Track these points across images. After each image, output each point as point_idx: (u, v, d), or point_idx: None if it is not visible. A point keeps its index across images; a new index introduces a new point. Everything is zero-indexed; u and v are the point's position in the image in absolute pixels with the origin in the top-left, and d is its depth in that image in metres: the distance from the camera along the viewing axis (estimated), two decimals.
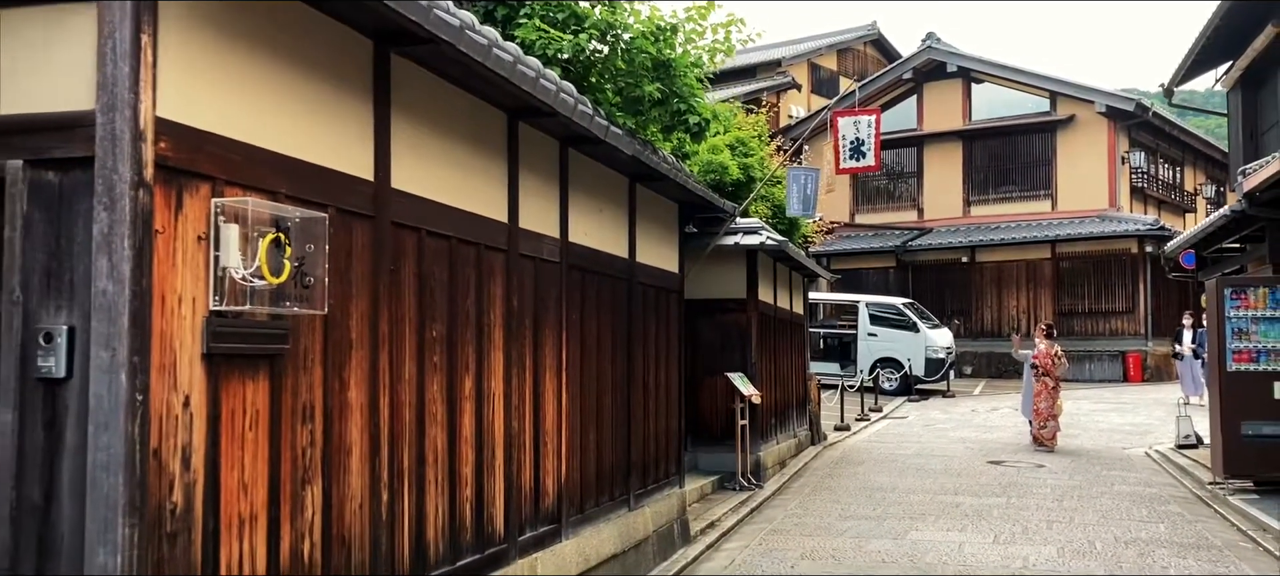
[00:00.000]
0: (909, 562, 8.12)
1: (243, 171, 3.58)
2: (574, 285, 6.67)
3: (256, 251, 3.52)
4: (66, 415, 3.14)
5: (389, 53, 4.50)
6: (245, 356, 3.59)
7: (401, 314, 4.63)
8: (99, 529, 3.04)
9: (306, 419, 3.93)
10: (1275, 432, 10.93)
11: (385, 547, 4.42)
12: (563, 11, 6.88)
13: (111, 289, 3.07)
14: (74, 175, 3.18)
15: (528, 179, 5.97)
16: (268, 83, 3.76)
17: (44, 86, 3.22)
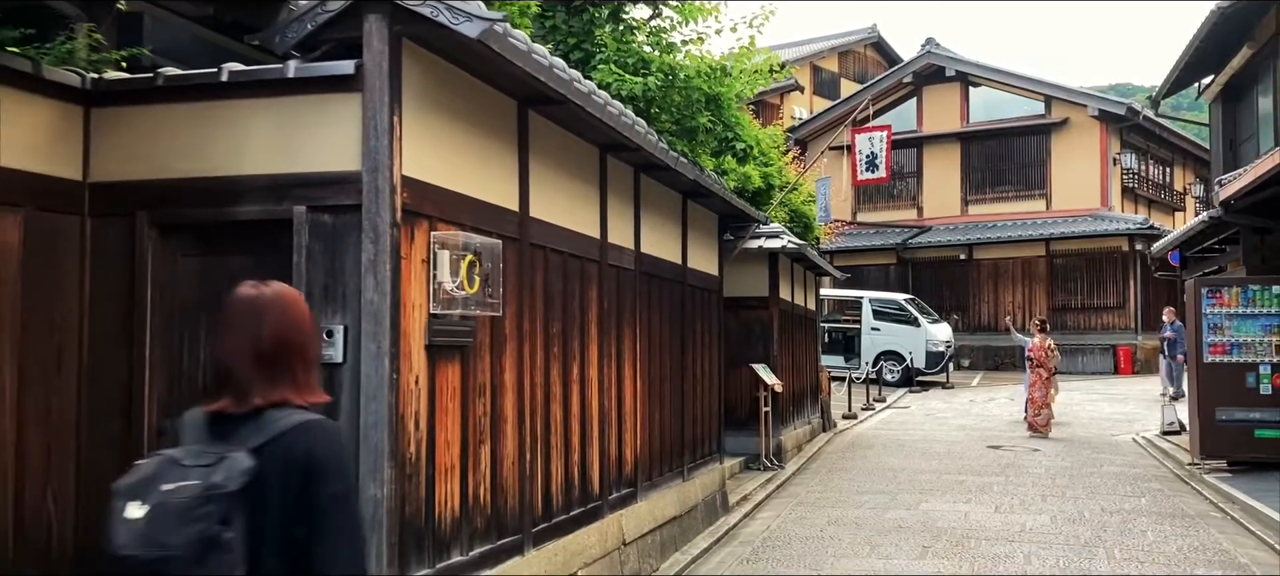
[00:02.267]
0: (923, 526, 9.38)
1: (448, 210, 4.83)
2: (643, 288, 7.92)
3: (459, 269, 4.76)
4: (342, 389, 4.38)
5: (528, 111, 5.74)
6: (449, 347, 4.84)
7: (534, 315, 5.87)
8: (370, 470, 4.28)
9: (481, 394, 5.18)
10: (1246, 418, 12.15)
11: (526, 496, 5.68)
12: (632, 57, 8.10)
13: (376, 299, 4.32)
14: (343, 218, 4.41)
15: (613, 201, 7.22)
16: (456, 141, 5.00)
17: (319, 152, 4.46)
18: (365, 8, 4.30)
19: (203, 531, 2.09)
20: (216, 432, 2.28)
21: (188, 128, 4.62)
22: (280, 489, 2.17)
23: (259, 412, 2.26)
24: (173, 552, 2.08)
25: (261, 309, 2.36)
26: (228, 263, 4.61)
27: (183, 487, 2.13)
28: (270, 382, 2.29)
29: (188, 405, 4.51)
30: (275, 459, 2.18)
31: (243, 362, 2.30)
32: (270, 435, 2.21)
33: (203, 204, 4.58)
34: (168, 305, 4.67)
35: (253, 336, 2.32)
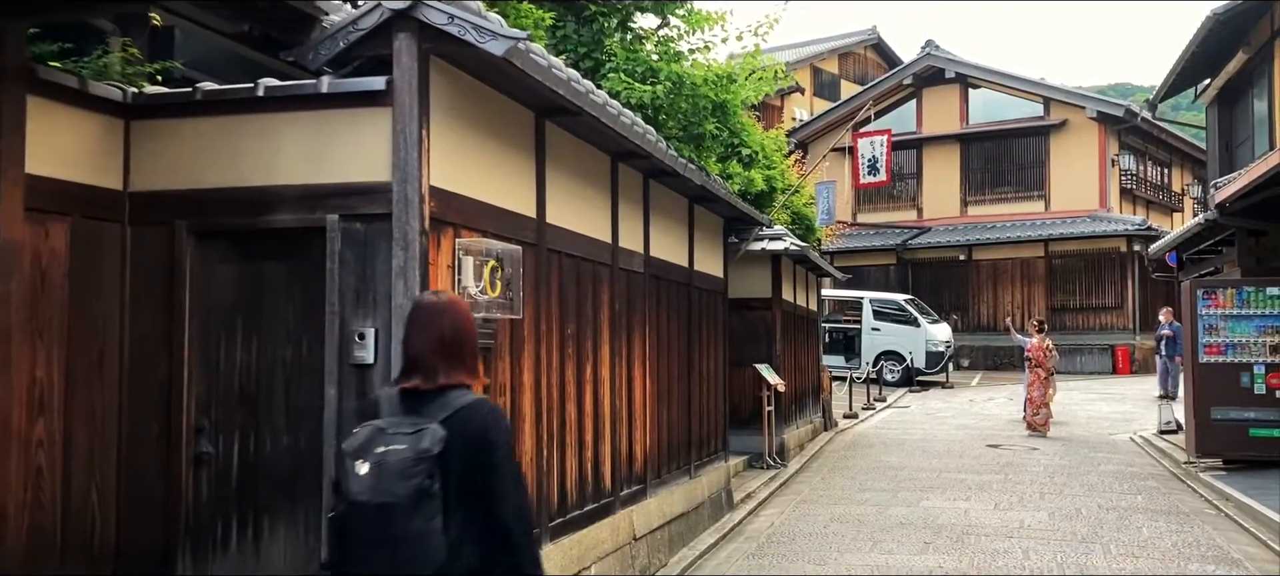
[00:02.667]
0: (924, 523, 9.60)
1: (471, 217, 5.06)
2: (652, 291, 8.14)
3: (482, 274, 4.99)
4: (373, 388, 4.60)
5: (545, 122, 5.97)
6: None
7: (550, 317, 6.10)
8: None
9: (501, 393, 5.41)
10: (1241, 417, 12.37)
11: (544, 492, 5.90)
12: (640, 65, 8.32)
13: (405, 303, 4.53)
14: (374, 226, 4.64)
15: (623, 206, 7.44)
16: (479, 152, 5.23)
17: (351, 164, 4.68)
18: (395, 27, 4.53)
19: (418, 485, 2.76)
20: (408, 407, 2.92)
21: (224, 139, 4.85)
22: (463, 451, 2.83)
23: (443, 391, 2.92)
24: (396, 500, 2.74)
25: (442, 311, 3.07)
26: (262, 268, 4.85)
27: (394, 450, 2.78)
28: (450, 366, 2.96)
29: (225, 404, 4.77)
30: (458, 429, 2.84)
31: (430, 352, 2.97)
32: (452, 410, 2.87)
33: (238, 212, 4.81)
34: (205, 309, 4.89)
35: (437, 332, 3.01)
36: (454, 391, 2.93)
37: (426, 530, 2.77)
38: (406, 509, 2.75)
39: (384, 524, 2.76)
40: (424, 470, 2.77)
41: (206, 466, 4.84)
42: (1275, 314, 12.43)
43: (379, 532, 2.77)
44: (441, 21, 4.48)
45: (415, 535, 2.76)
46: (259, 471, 4.78)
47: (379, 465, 2.78)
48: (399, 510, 2.75)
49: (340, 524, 2.87)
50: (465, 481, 2.83)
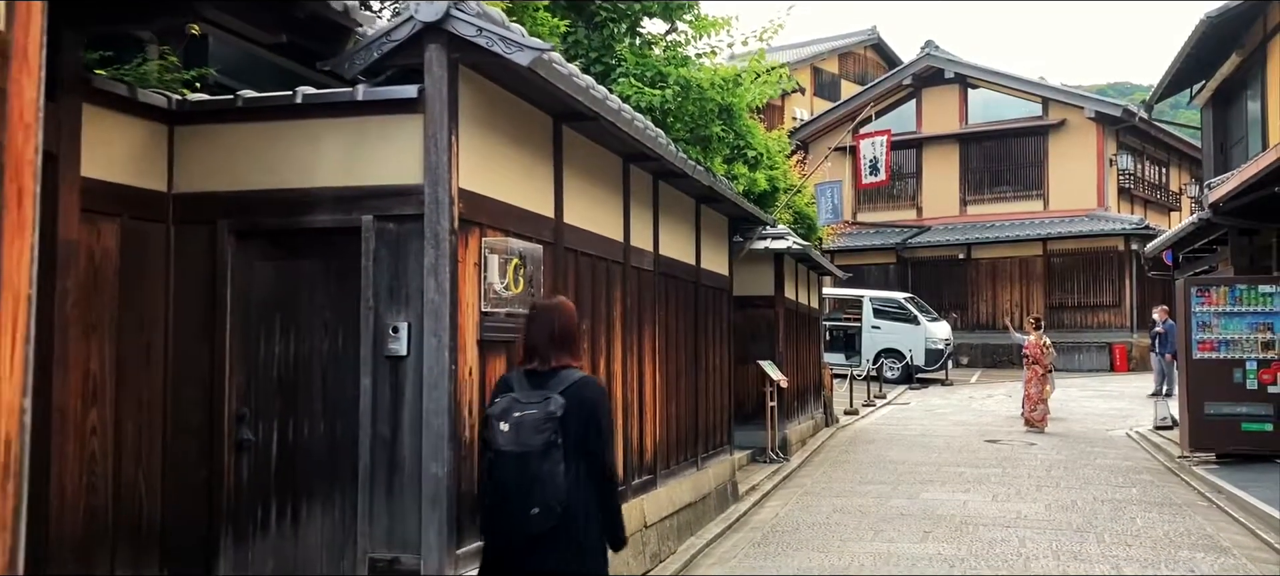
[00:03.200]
0: (924, 513, 9.89)
1: (496, 218, 5.34)
2: (661, 288, 8.43)
3: (506, 272, 5.27)
4: (406, 379, 4.89)
5: (563, 126, 6.25)
6: (496, 342, 5.35)
7: None
8: (432, 452, 4.79)
9: None
10: (1234, 412, 12.66)
11: None
12: (650, 70, 8.61)
13: (437, 299, 4.83)
14: (406, 226, 4.92)
15: (634, 207, 7.72)
16: (502, 155, 5.51)
17: (384, 167, 4.97)
18: (427, 38, 4.81)
19: (547, 438, 3.84)
20: (532, 383, 4.00)
21: (264, 144, 5.13)
22: (576, 414, 3.90)
23: (556, 371, 3.99)
24: (531, 449, 3.83)
25: (553, 311, 4.17)
26: (300, 266, 5.13)
27: (528, 414, 3.87)
28: (560, 352, 4.04)
29: (264, 394, 5.05)
30: (572, 398, 3.91)
31: (544, 342, 4.05)
32: (566, 385, 3.95)
33: (277, 213, 5.09)
34: (245, 304, 5.17)
35: (550, 327, 4.08)
36: (565, 371, 3.99)
37: (553, 471, 3.83)
38: (539, 456, 3.82)
39: (522, 467, 3.83)
40: (551, 428, 3.84)
41: (247, 453, 5.13)
42: (1267, 311, 12.72)
43: (519, 474, 3.83)
44: (471, 33, 4.76)
45: (546, 475, 3.82)
46: (298, 457, 5.07)
47: (518, 424, 3.86)
48: (533, 457, 3.82)
49: (489, 468, 3.95)
50: (579, 437, 3.89)
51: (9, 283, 2.64)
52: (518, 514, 3.82)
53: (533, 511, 3.80)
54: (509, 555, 3.94)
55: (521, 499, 3.81)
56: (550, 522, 3.83)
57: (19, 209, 2.69)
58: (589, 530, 3.97)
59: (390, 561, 4.84)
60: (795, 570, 7.79)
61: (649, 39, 9.07)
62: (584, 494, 3.91)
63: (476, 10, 4.78)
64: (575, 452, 3.88)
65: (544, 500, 3.79)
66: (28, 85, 2.71)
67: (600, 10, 8.77)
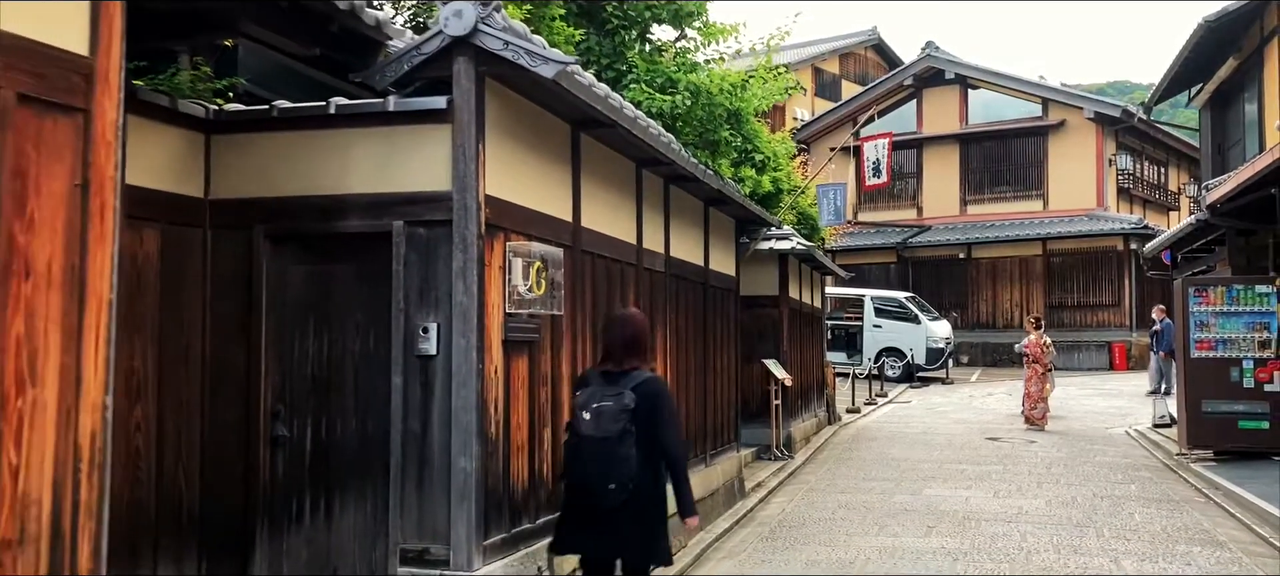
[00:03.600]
0: (927, 509, 10.11)
1: (519, 223, 5.57)
2: (672, 289, 8.65)
3: (530, 274, 5.49)
4: (435, 377, 5.11)
5: (581, 133, 6.47)
6: (520, 342, 5.57)
7: (584, 314, 6.60)
8: (460, 446, 5.01)
9: (544, 383, 5.92)
10: (1231, 410, 12.86)
11: None
12: (660, 76, 8.83)
13: (465, 301, 5.05)
14: (436, 231, 5.14)
15: (646, 210, 7.95)
16: (525, 162, 5.74)
17: (414, 175, 5.19)
18: (455, 52, 5.03)
19: (622, 426, 4.68)
20: (608, 380, 4.83)
21: (298, 152, 5.35)
22: (646, 407, 4.73)
23: (627, 371, 4.83)
24: (609, 435, 4.66)
25: (627, 320, 5.07)
26: (333, 270, 5.35)
27: (606, 405, 4.70)
28: (630, 355, 4.88)
29: (298, 393, 5.26)
30: (641, 393, 4.74)
31: (618, 347, 4.90)
32: (636, 382, 4.78)
33: (311, 219, 5.32)
34: (279, 306, 5.40)
35: (623, 334, 4.94)
36: (634, 371, 4.85)
37: (627, 453, 4.69)
38: (615, 440, 4.67)
39: (601, 449, 4.68)
40: (626, 417, 4.69)
41: (282, 448, 5.35)
42: (1263, 311, 12.93)
43: (598, 455, 4.68)
44: (497, 47, 4.98)
45: (621, 456, 4.68)
46: (331, 452, 5.29)
47: (598, 414, 4.71)
48: (611, 441, 4.67)
49: (573, 450, 4.82)
50: (647, 426, 4.74)
51: (93, 289, 2.89)
52: (597, 488, 4.70)
53: (610, 487, 4.68)
54: (588, 522, 4.81)
55: (601, 476, 4.69)
56: (623, 497, 4.68)
57: (102, 222, 2.93)
58: (652, 504, 4.84)
59: (420, 552, 5.07)
60: (804, 563, 8.01)
61: (659, 46, 9.28)
62: (650, 474, 4.80)
63: (503, 24, 5.00)
64: (644, 439, 4.74)
65: (620, 478, 4.68)
66: (109, 107, 2.96)
67: (612, 17, 8.99)
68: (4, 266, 2.58)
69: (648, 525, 4.83)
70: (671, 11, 9.10)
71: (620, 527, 4.75)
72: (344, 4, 4.67)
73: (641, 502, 4.75)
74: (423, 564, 5.05)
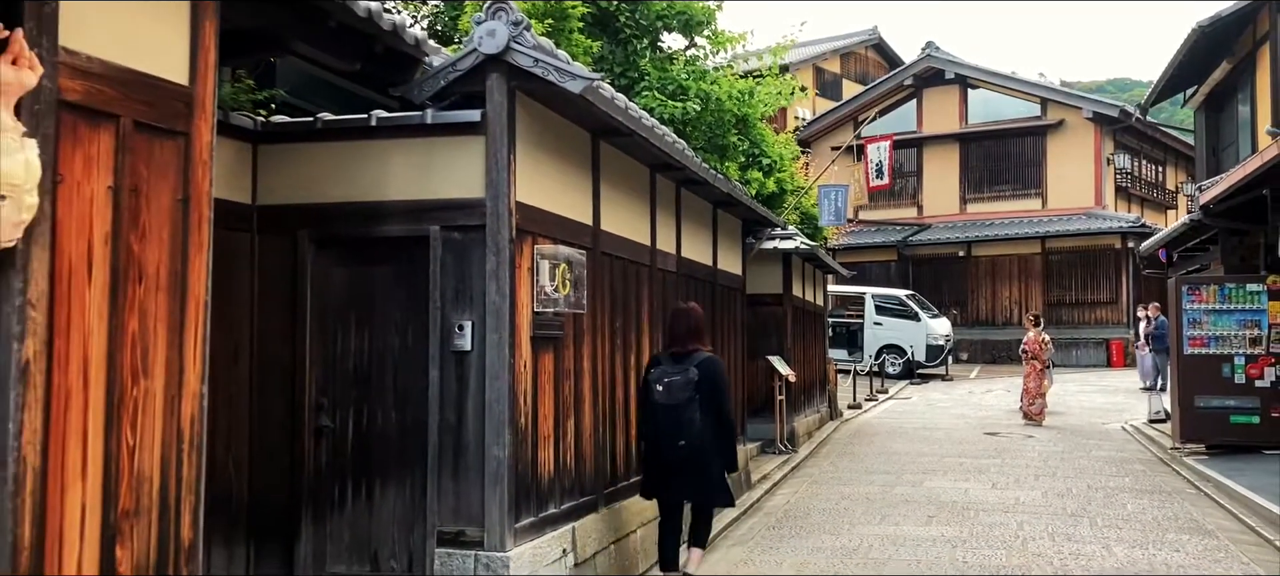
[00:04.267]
0: (927, 500, 10.49)
1: (546, 227, 5.94)
2: (684, 289, 9.01)
3: (556, 275, 5.87)
4: (469, 371, 5.49)
5: (600, 142, 6.84)
6: (546, 338, 5.94)
7: (603, 312, 6.98)
8: (494, 436, 5.39)
9: (567, 377, 6.29)
10: (1223, 405, 13.21)
11: (599, 463, 6.79)
12: (671, 83, 9.19)
13: (497, 300, 5.42)
14: (470, 235, 5.51)
15: (660, 212, 8.31)
16: (550, 170, 6.11)
17: (450, 183, 5.56)
18: (489, 69, 5.41)
19: (688, 395, 6.19)
20: (676, 359, 6.38)
21: (341, 161, 5.72)
22: (707, 381, 6.23)
23: (692, 353, 6.35)
24: (679, 403, 6.19)
25: (688, 312, 6.69)
26: (373, 271, 5.73)
27: (675, 379, 6.24)
28: (692, 339, 6.45)
29: (340, 385, 5.63)
30: (702, 369, 6.25)
31: (684, 332, 6.47)
32: (698, 361, 6.30)
33: (352, 223, 5.69)
34: (322, 305, 5.77)
35: (687, 323, 6.53)
36: (697, 352, 6.38)
37: (693, 418, 6.16)
38: (683, 406, 6.16)
39: (671, 413, 6.20)
40: (691, 388, 6.16)
41: (325, 438, 5.72)
42: (1254, 309, 13.29)
43: (669, 418, 6.22)
44: (528, 64, 5.35)
45: (687, 420, 6.13)
46: (371, 442, 5.67)
47: (669, 386, 6.24)
48: (679, 407, 6.17)
49: (649, 415, 6.42)
50: (708, 396, 6.21)
51: (192, 291, 3.27)
52: (668, 447, 6.22)
53: (680, 444, 6.13)
54: (662, 473, 6.37)
55: (671, 437, 6.21)
56: (688, 453, 6.15)
57: (199, 232, 3.32)
58: (712, 460, 6.36)
59: (456, 534, 5.44)
60: (810, 550, 8.38)
61: (670, 54, 9.65)
62: (710, 436, 6.29)
63: (533, 43, 5.37)
64: (705, 406, 6.22)
65: (687, 438, 6.14)
66: (205, 130, 3.34)
67: (624, 27, 9.36)
68: (122, 272, 2.95)
69: (710, 474, 6.37)
70: (682, 21, 9.47)
71: (688, 476, 6.28)
72: (387, 26, 5.04)
73: (702, 459, 6.26)
74: (458, 545, 5.43)
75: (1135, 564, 7.86)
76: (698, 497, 6.52)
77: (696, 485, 6.38)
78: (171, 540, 3.09)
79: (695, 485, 6.38)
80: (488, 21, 5.34)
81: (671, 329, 6.59)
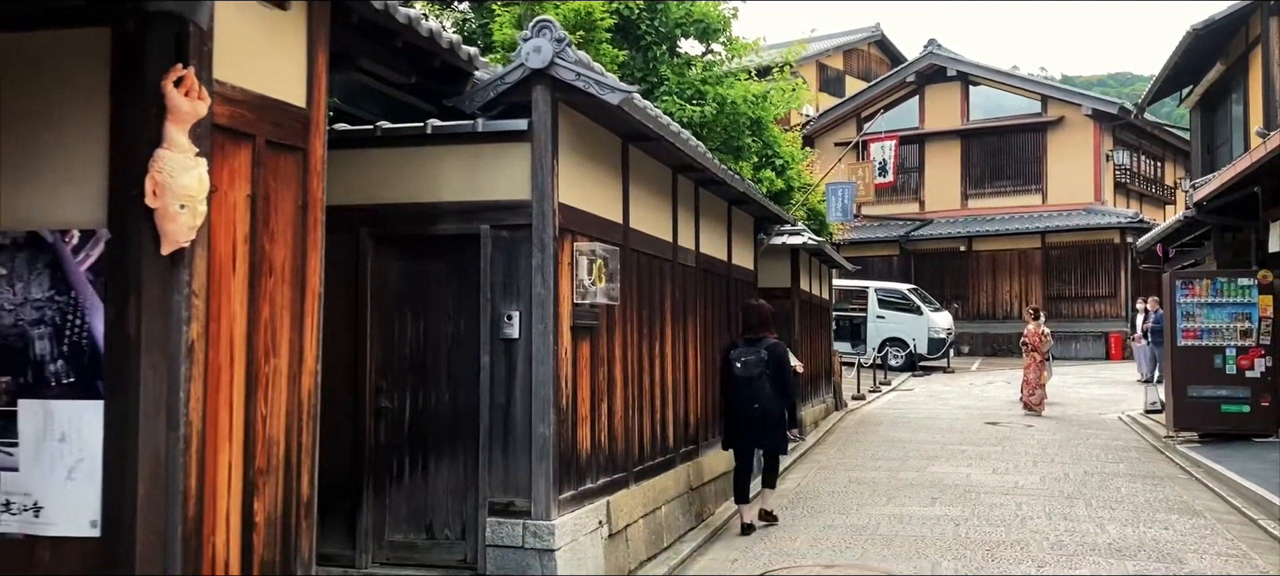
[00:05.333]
0: (931, 484, 11.04)
1: (582, 225, 6.49)
2: (701, 282, 9.56)
3: (593, 270, 6.41)
4: (517, 357, 6.03)
5: (629, 146, 7.39)
6: (584, 328, 6.49)
7: (632, 304, 7.53)
8: (540, 414, 5.94)
9: (602, 364, 6.84)
10: (1214, 395, 13.71)
11: (629, 443, 7.35)
12: (689, 88, 9.73)
13: (542, 292, 5.97)
14: (517, 233, 6.06)
15: (680, 210, 8.86)
16: (587, 173, 6.65)
17: (499, 185, 6.10)
18: (534, 82, 5.95)
19: (760, 370, 8.50)
20: (749, 343, 8.66)
21: (398, 166, 6.27)
22: (774, 360, 8.58)
23: (761, 338, 8.66)
24: (754, 376, 8.49)
25: (758, 308, 9.04)
26: (428, 267, 6.28)
27: (749, 359, 8.53)
28: (762, 328, 8.77)
29: (399, 371, 6.19)
30: (770, 351, 8.60)
31: (756, 322, 8.81)
32: (767, 345, 8.63)
33: (409, 223, 6.23)
34: (382, 297, 6.32)
35: (758, 315, 8.89)
36: (765, 338, 8.60)
37: (763, 387, 8.40)
38: (755, 379, 8.41)
39: (747, 385, 8.44)
40: (762, 365, 8.41)
41: (385, 418, 6.27)
42: (1245, 302, 13.79)
43: (746, 388, 8.45)
44: (570, 77, 5.89)
45: (759, 389, 8.40)
46: (426, 421, 6.22)
47: (746, 363, 8.45)
48: (753, 380, 8.41)
49: (730, 386, 8.58)
50: (774, 371, 8.45)
51: (309, 283, 3.83)
52: (744, 409, 8.45)
53: (754, 406, 8.39)
54: (739, 429, 8.65)
55: (747, 402, 8.44)
56: (761, 414, 8.40)
57: (315, 232, 3.87)
58: (778, 421, 8.66)
59: (506, 504, 5.99)
60: (823, 527, 8.93)
61: (688, 59, 10.19)
62: (775, 402, 8.54)
63: (575, 58, 5.91)
64: (772, 379, 8.45)
65: (759, 402, 8.39)
66: (318, 145, 3.90)
67: (645, 34, 9.89)
68: (257, 267, 3.50)
69: (776, 429, 8.71)
70: (700, 28, 10.00)
71: (759, 430, 8.59)
72: (445, 44, 5.57)
73: (772, 417, 8.55)
74: (508, 515, 5.98)
75: (1125, 539, 8.40)
76: (767, 445, 8.80)
77: (766, 437, 8.67)
78: (294, 495, 3.64)
79: (765, 437, 8.67)
80: (533, 38, 5.87)
81: (745, 320, 8.90)
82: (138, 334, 2.93)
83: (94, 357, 3.01)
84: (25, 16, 3.01)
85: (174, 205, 2.87)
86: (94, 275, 3.02)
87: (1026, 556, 7.85)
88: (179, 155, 2.91)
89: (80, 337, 3.02)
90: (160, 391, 2.97)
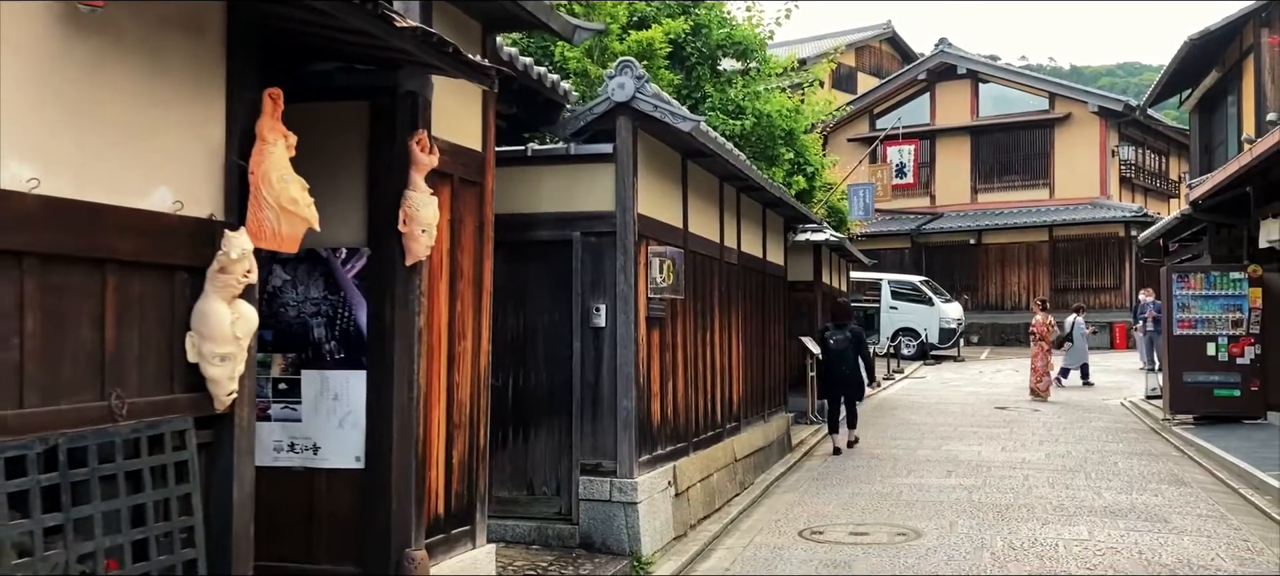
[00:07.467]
0: (946, 459, 12.21)
1: (655, 231, 7.66)
2: (741, 278, 10.73)
3: (663, 269, 7.59)
4: (604, 343, 7.21)
5: (687, 161, 8.56)
6: (655, 318, 7.67)
7: (691, 298, 8.70)
8: (623, 391, 7.12)
9: (668, 349, 8.02)
10: (1208, 380, 14.79)
11: (688, 419, 8.53)
12: (730, 104, 10.88)
13: (625, 288, 7.15)
14: (603, 239, 7.23)
15: (725, 214, 10.03)
16: (656, 186, 7.82)
17: (588, 199, 7.28)
18: (618, 113, 7.12)
19: (848, 345, 13.00)
20: (838, 326, 13.27)
21: (504, 183, 7.39)
22: (856, 340, 13.16)
23: (844, 324, 13.29)
24: (845, 349, 12.97)
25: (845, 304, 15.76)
26: (528, 266, 7.45)
27: (840, 337, 13.03)
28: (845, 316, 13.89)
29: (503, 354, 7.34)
30: (853, 333, 13.21)
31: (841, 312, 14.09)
32: (851, 328, 13.31)
33: (512, 230, 7.35)
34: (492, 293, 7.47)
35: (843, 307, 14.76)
36: (848, 323, 13.41)
37: (850, 357, 12.93)
38: (844, 351, 12.91)
39: (839, 354, 12.93)
40: (850, 342, 12.95)
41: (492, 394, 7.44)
42: (1237, 294, 14.87)
43: (837, 358, 12.96)
44: (648, 109, 7.06)
45: (846, 357, 12.90)
46: (527, 396, 7.40)
47: (837, 340, 12.96)
48: (843, 352, 12.91)
49: (827, 355, 13.09)
50: (856, 346, 13.01)
51: (484, 284, 5.07)
52: (835, 374, 12.93)
53: (843, 369, 12.80)
54: (832, 385, 13.06)
55: (837, 369, 12.88)
56: (849, 374, 12.86)
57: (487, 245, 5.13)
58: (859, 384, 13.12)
59: (595, 465, 7.18)
60: (851, 495, 10.11)
61: (728, 77, 11.34)
62: (857, 370, 12.97)
63: (653, 92, 7.08)
64: (854, 352, 12.83)
65: (846, 367, 12.79)
66: (490, 180, 5.15)
67: (690, 55, 11.04)
68: (453, 273, 4.68)
69: (858, 386, 12.94)
70: (739, 49, 11.15)
71: (846, 386, 12.79)
72: (550, 84, 6.74)
73: (855, 383, 12.84)
74: (597, 474, 7.17)
75: (1119, 504, 9.57)
76: (850, 395, 12.91)
77: (850, 391, 12.86)
78: (474, 445, 4.82)
79: (849, 391, 12.86)
80: (618, 77, 7.04)
81: (834, 311, 14.19)
82: (391, 322, 4.11)
83: (359, 339, 4.20)
84: (318, 90, 4.17)
85: (418, 230, 4.03)
86: (359, 280, 4.21)
87: (1031, 516, 9.02)
88: (420, 194, 4.08)
89: (348, 325, 4.20)
90: (404, 364, 4.14)
